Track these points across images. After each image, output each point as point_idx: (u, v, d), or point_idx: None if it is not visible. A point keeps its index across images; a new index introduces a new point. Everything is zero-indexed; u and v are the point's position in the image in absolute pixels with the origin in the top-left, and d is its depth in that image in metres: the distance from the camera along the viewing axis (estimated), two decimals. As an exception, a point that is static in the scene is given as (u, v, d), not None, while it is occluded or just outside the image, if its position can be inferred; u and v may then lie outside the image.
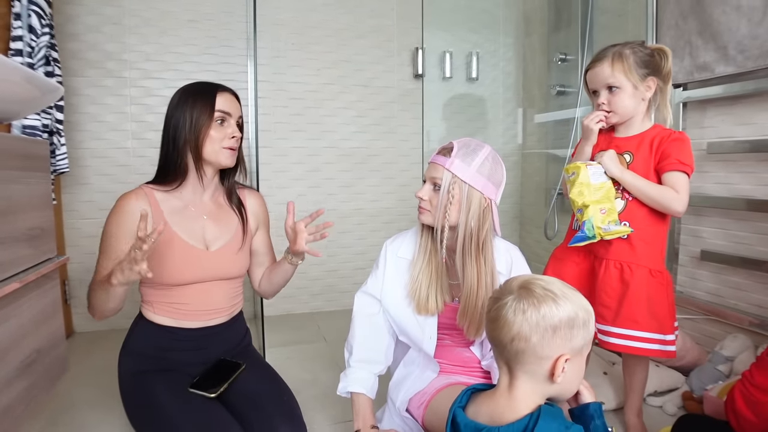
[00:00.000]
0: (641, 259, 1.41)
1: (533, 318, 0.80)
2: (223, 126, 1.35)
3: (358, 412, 1.35)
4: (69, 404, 1.74)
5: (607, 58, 1.41)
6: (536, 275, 0.90)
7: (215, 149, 1.34)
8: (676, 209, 1.36)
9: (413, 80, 2.99)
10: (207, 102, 1.33)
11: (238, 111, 1.39)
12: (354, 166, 2.95)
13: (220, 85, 1.38)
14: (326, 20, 2.82)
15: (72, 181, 2.47)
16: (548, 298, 0.81)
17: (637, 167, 1.41)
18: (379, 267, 1.45)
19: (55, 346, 1.03)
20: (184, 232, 1.34)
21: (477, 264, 1.29)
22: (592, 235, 1.37)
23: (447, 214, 1.25)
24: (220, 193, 1.47)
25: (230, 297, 1.44)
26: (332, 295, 2.97)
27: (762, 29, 1.66)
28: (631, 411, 1.56)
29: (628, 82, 1.39)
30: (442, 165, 1.26)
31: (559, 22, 2.82)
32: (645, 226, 1.41)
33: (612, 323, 1.41)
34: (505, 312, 0.83)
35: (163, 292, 1.34)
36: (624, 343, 1.39)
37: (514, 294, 0.84)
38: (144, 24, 2.52)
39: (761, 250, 1.78)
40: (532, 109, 3.10)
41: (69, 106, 2.39)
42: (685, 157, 1.36)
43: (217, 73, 2.61)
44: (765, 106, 1.75)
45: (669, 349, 1.39)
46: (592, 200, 1.38)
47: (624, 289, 1.40)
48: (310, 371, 2.05)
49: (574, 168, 1.42)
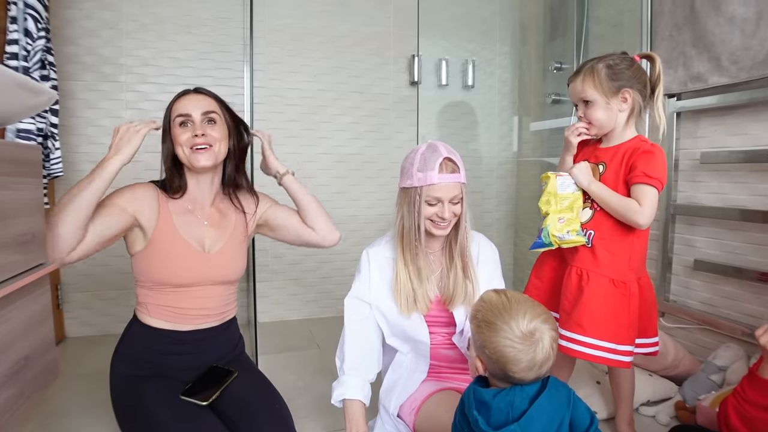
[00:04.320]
0: (602, 269, 1.41)
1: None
2: (187, 127, 1.35)
3: (351, 419, 1.36)
4: (59, 410, 1.73)
5: (581, 73, 1.43)
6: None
7: (185, 153, 1.34)
8: (638, 221, 1.36)
9: (409, 87, 3.00)
10: (169, 108, 1.38)
11: (204, 107, 1.36)
12: (349, 172, 2.95)
13: (187, 90, 1.40)
14: (323, 27, 2.83)
15: (67, 185, 2.46)
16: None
17: (608, 178, 1.43)
18: (362, 271, 1.47)
19: (45, 353, 1.02)
20: (186, 232, 1.36)
21: (462, 248, 1.42)
22: (548, 242, 1.44)
23: (466, 220, 1.40)
24: (223, 201, 1.48)
25: (224, 303, 1.44)
26: (326, 301, 2.96)
27: (755, 41, 1.68)
28: (622, 421, 1.56)
29: (599, 95, 1.40)
30: (458, 181, 1.34)
31: (555, 32, 2.84)
32: (610, 236, 1.42)
33: (563, 326, 1.44)
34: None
35: (159, 294, 1.34)
36: (569, 346, 1.41)
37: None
38: (141, 28, 2.52)
39: (754, 260, 1.78)
40: (528, 117, 3.12)
41: (65, 110, 2.39)
42: (651, 170, 1.35)
43: (214, 79, 2.61)
44: (758, 117, 1.76)
45: (621, 359, 1.39)
46: (555, 209, 1.44)
47: (578, 295, 1.42)
48: (303, 378, 2.04)
49: (546, 177, 1.49)
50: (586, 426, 0.92)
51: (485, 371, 0.97)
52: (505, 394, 0.92)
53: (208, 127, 1.35)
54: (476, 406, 0.94)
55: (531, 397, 0.91)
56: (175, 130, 1.35)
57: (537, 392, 0.91)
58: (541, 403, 0.89)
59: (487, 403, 0.92)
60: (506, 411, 0.90)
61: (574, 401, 0.94)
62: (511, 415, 0.90)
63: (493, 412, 0.91)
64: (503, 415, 0.90)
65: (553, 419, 0.89)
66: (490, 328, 0.92)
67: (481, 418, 0.92)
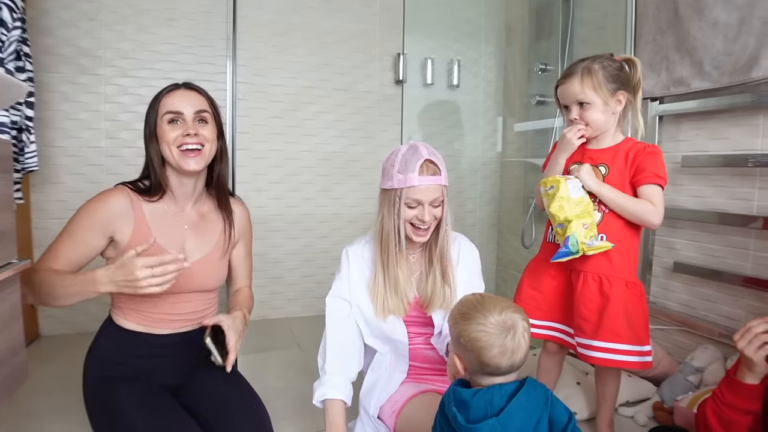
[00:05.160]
0: (618, 272, 1.41)
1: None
2: (177, 125, 1.27)
3: (331, 422, 1.34)
4: (30, 412, 1.68)
5: (577, 74, 1.41)
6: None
7: (173, 153, 1.26)
8: (653, 222, 1.38)
9: (394, 86, 2.98)
10: (156, 103, 1.28)
11: (197, 105, 1.29)
12: (333, 170, 2.93)
13: (176, 84, 1.32)
14: (308, 23, 2.80)
15: (42, 179, 2.40)
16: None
17: (612, 180, 1.42)
18: (342, 269, 1.46)
19: (14, 355, 0.98)
20: (164, 240, 1.29)
21: (442, 252, 1.39)
22: (576, 250, 1.36)
23: (447, 223, 1.37)
24: (205, 203, 1.42)
25: (203, 308, 1.40)
26: (308, 300, 2.93)
27: (737, 46, 1.70)
28: (602, 421, 1.57)
29: (597, 97, 1.40)
30: (439, 184, 1.31)
31: (541, 33, 2.85)
32: (621, 239, 1.42)
33: (593, 337, 1.40)
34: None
35: (136, 299, 1.29)
36: (605, 356, 1.39)
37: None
38: (121, 20, 2.47)
39: (732, 262, 1.81)
40: (512, 117, 3.12)
41: (41, 102, 2.32)
42: (659, 170, 1.38)
43: (196, 73, 2.56)
44: (738, 122, 1.79)
45: (646, 360, 1.40)
46: (574, 215, 1.36)
47: (604, 302, 1.40)
48: (283, 379, 2.02)
49: (553, 182, 1.40)
50: (564, 424, 0.94)
51: (464, 370, 0.98)
52: (484, 392, 0.94)
53: (200, 127, 1.28)
54: (455, 404, 0.95)
55: (509, 394, 0.93)
56: (163, 127, 1.26)
57: (515, 390, 0.94)
58: (519, 400, 0.91)
59: (466, 401, 0.94)
60: (485, 408, 0.92)
61: (552, 400, 0.95)
62: (490, 412, 0.92)
63: (472, 409, 0.93)
64: (482, 411, 0.92)
65: (531, 416, 0.91)
66: (464, 318, 0.96)
67: (459, 414, 0.93)
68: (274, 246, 2.83)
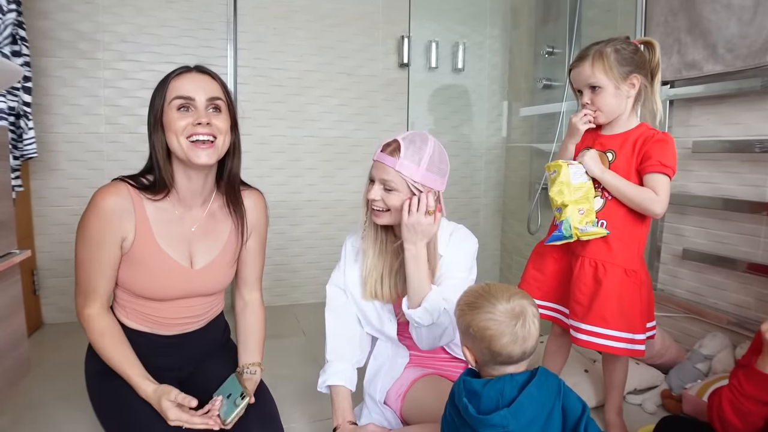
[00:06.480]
0: (616, 259, 1.40)
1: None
2: (187, 112, 1.14)
3: (337, 407, 1.36)
4: (35, 402, 1.68)
5: (588, 57, 1.38)
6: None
7: (181, 144, 1.12)
8: (655, 211, 1.36)
9: (398, 69, 2.93)
10: (164, 87, 1.15)
11: (210, 91, 1.16)
12: (336, 156, 2.89)
13: (187, 66, 1.18)
14: (310, 5, 2.74)
15: (41, 166, 2.37)
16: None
17: (618, 166, 1.40)
18: (341, 258, 1.49)
19: (15, 347, 0.97)
20: (169, 244, 1.20)
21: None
22: (568, 234, 1.38)
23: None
24: (215, 201, 1.29)
25: (209, 308, 1.35)
26: (312, 287, 2.92)
27: (752, 29, 1.65)
28: (611, 409, 1.56)
29: (609, 81, 1.37)
30: (391, 166, 1.26)
31: (548, 15, 2.79)
32: (622, 226, 1.40)
33: (582, 320, 1.41)
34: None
35: (139, 301, 1.24)
36: (592, 340, 1.40)
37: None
38: (119, 3, 2.41)
39: (741, 249, 1.78)
40: (518, 102, 3.08)
41: (39, 88, 2.28)
42: (666, 159, 1.34)
43: (196, 57, 2.51)
44: (751, 106, 1.75)
45: (637, 348, 1.39)
46: (571, 200, 1.37)
47: (596, 287, 1.40)
48: (289, 366, 2.01)
49: (555, 166, 1.41)
50: (578, 415, 0.93)
51: (475, 362, 0.97)
52: (495, 382, 0.92)
53: (213, 116, 1.15)
54: (466, 395, 0.94)
55: (520, 385, 0.91)
56: (171, 114, 1.12)
57: (526, 380, 0.92)
58: (530, 391, 0.90)
59: (476, 392, 0.93)
60: (496, 399, 0.91)
61: (564, 390, 0.94)
62: (501, 403, 0.90)
63: (483, 400, 0.92)
64: (493, 402, 0.91)
65: (543, 407, 0.90)
66: (471, 307, 0.94)
67: (471, 405, 0.92)
68: (277, 232, 2.80)
